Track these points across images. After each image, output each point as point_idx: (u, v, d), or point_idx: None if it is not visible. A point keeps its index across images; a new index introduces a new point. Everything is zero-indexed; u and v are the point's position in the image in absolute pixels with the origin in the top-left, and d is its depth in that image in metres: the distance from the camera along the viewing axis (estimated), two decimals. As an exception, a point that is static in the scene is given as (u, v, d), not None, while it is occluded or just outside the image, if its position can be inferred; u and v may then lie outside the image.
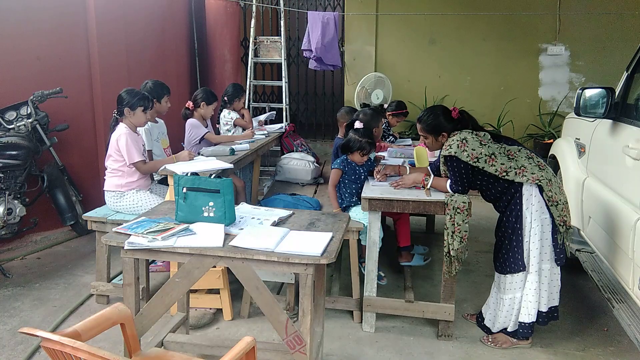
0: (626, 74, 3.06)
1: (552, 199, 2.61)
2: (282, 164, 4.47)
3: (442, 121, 2.80)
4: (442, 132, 2.81)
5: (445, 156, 2.73)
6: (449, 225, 2.72)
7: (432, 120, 2.82)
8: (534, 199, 2.63)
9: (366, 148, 3.25)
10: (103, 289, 3.23)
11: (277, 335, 2.74)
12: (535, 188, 2.62)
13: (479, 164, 2.64)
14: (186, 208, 2.26)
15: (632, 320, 2.31)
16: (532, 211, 2.63)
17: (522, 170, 2.62)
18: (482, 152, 2.64)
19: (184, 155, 3.42)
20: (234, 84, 4.97)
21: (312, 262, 1.97)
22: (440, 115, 2.81)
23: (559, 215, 2.62)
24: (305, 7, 7.26)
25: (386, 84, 5.89)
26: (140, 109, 3.28)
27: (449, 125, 2.80)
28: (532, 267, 2.66)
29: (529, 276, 2.68)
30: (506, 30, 6.39)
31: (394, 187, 2.94)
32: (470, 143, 2.65)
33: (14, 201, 3.71)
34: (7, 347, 2.76)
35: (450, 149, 2.68)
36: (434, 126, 2.81)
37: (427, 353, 2.79)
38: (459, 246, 2.70)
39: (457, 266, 2.74)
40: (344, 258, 3.65)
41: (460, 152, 2.65)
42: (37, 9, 4.18)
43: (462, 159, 2.65)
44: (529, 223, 2.64)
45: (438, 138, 2.83)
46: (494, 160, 2.64)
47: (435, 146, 2.89)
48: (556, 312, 2.78)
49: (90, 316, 1.69)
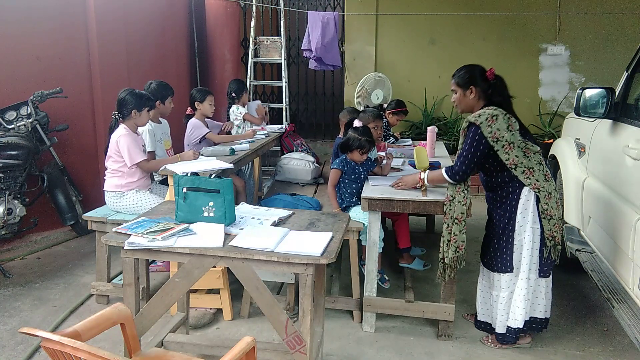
0: (626, 74, 3.06)
1: (547, 212, 2.59)
2: (282, 164, 4.47)
3: (476, 76, 2.69)
4: (471, 87, 2.69)
5: (470, 123, 2.62)
6: (446, 233, 2.70)
7: (465, 73, 2.71)
8: (530, 206, 2.60)
9: (365, 146, 3.24)
10: (103, 289, 3.23)
11: (277, 335, 2.74)
12: (533, 195, 2.60)
13: (496, 146, 2.56)
14: (186, 208, 2.26)
15: (632, 320, 2.31)
16: (527, 218, 2.61)
17: (530, 172, 2.58)
18: (504, 136, 2.55)
19: (189, 155, 3.43)
20: (237, 80, 5.02)
21: (312, 262, 1.97)
22: (476, 71, 2.72)
23: (550, 229, 2.60)
24: (305, 7, 7.26)
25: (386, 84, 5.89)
26: (146, 109, 3.32)
27: (482, 84, 2.69)
28: (523, 273, 2.65)
29: (519, 282, 2.66)
30: (506, 30, 6.40)
31: (395, 188, 2.94)
32: (499, 123, 2.56)
33: (14, 201, 3.71)
34: (7, 347, 2.76)
35: (477, 118, 2.58)
36: (466, 79, 2.70)
37: (427, 353, 2.79)
38: (454, 255, 2.68)
39: (449, 273, 2.72)
40: (344, 258, 3.65)
41: (486, 125, 2.55)
42: (37, 9, 4.18)
43: (483, 133, 2.55)
44: (520, 227, 2.63)
45: (466, 93, 2.71)
46: (510, 149, 2.57)
47: (462, 103, 2.75)
48: (542, 324, 2.77)
49: (90, 316, 1.69)
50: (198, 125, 4.17)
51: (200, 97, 4.19)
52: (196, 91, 4.27)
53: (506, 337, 2.75)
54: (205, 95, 4.21)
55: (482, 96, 2.71)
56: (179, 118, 4.59)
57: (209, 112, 4.27)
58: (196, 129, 4.16)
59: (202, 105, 4.20)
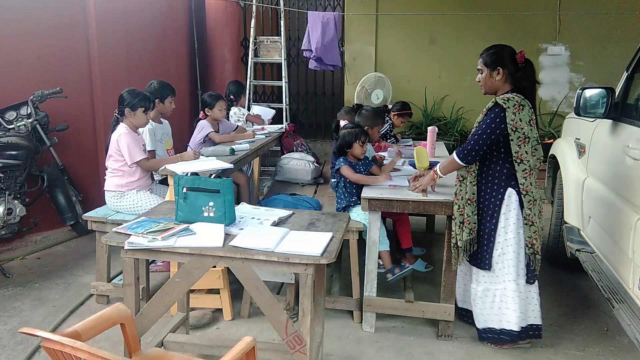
0: (626, 74, 3.06)
1: (529, 218, 2.59)
2: (282, 164, 4.47)
3: (505, 57, 2.62)
4: (499, 68, 2.62)
5: (497, 103, 2.57)
6: (457, 215, 2.67)
7: (494, 53, 2.64)
8: (513, 208, 2.61)
9: (362, 135, 3.24)
10: (103, 289, 3.23)
11: (277, 335, 2.74)
12: (516, 198, 2.60)
13: (512, 135, 2.52)
14: (186, 208, 2.26)
15: (632, 320, 2.31)
16: (510, 220, 2.62)
17: (529, 172, 2.58)
18: (523, 129, 2.52)
19: (189, 155, 3.43)
20: (235, 82, 5.03)
21: (312, 262, 1.97)
22: (505, 52, 2.64)
23: (530, 236, 2.61)
24: (305, 7, 7.27)
25: (386, 84, 5.89)
26: (141, 109, 3.28)
27: (510, 66, 2.62)
28: (510, 275, 2.64)
29: (508, 284, 2.66)
30: (506, 30, 6.39)
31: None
32: (523, 113, 2.53)
33: (14, 201, 3.71)
34: (7, 347, 2.76)
35: (506, 102, 2.53)
36: (494, 59, 2.62)
37: (427, 353, 2.78)
38: (468, 237, 2.66)
39: (463, 257, 2.70)
40: (344, 258, 3.65)
41: (511, 112, 2.51)
42: (37, 9, 4.17)
43: (506, 117, 2.51)
44: (502, 228, 2.63)
45: (493, 74, 2.64)
46: (524, 143, 2.53)
47: (487, 83, 2.68)
48: (537, 331, 2.75)
49: (90, 316, 1.69)
50: (204, 126, 4.21)
51: (210, 102, 4.23)
52: (207, 96, 4.29)
53: (502, 338, 2.75)
54: (215, 100, 4.24)
55: (508, 79, 2.64)
56: (180, 119, 4.60)
57: (219, 117, 4.32)
58: (202, 129, 4.20)
59: (212, 112, 4.24)
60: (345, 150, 3.29)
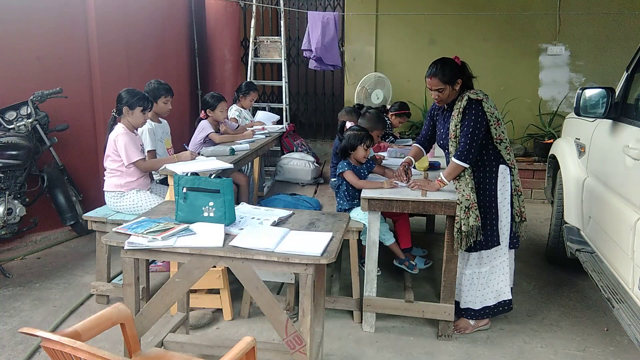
0: (626, 74, 3.06)
1: (518, 188, 2.83)
2: (282, 164, 4.47)
3: (456, 69, 2.80)
4: (457, 80, 2.80)
5: (471, 99, 2.73)
6: (463, 200, 2.70)
7: (448, 69, 2.78)
8: (507, 182, 2.80)
9: (367, 139, 3.25)
10: (103, 289, 3.23)
11: (277, 335, 2.74)
12: (508, 171, 2.80)
13: (491, 121, 2.73)
14: (186, 208, 2.26)
15: (632, 320, 2.31)
16: (505, 194, 2.81)
17: (510, 149, 2.80)
18: (494, 113, 2.75)
19: (186, 155, 3.42)
20: (248, 82, 5.21)
21: (312, 262, 1.97)
22: (453, 64, 2.81)
23: (519, 205, 2.84)
24: (305, 7, 7.26)
25: (386, 84, 5.88)
26: (139, 109, 3.27)
27: (461, 73, 2.82)
28: (505, 247, 2.84)
29: (502, 256, 2.85)
30: (506, 31, 6.39)
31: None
32: (490, 101, 2.78)
33: (14, 201, 3.71)
34: (7, 347, 2.76)
35: (477, 94, 2.75)
36: (452, 75, 2.78)
37: (427, 353, 2.79)
38: (474, 223, 2.68)
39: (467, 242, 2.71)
40: (344, 258, 3.65)
41: (486, 101, 2.75)
42: (37, 9, 4.18)
43: (484, 107, 2.72)
44: (500, 203, 2.81)
45: (454, 87, 2.81)
46: (498, 125, 2.76)
47: (450, 97, 2.84)
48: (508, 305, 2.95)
49: (90, 316, 1.69)
50: (204, 126, 4.22)
51: (212, 103, 4.24)
52: (209, 97, 4.29)
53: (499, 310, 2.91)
54: (217, 102, 4.25)
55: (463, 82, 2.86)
56: (180, 118, 4.60)
57: (220, 118, 4.33)
58: (202, 129, 4.20)
59: (214, 113, 4.26)
60: (349, 152, 3.27)
